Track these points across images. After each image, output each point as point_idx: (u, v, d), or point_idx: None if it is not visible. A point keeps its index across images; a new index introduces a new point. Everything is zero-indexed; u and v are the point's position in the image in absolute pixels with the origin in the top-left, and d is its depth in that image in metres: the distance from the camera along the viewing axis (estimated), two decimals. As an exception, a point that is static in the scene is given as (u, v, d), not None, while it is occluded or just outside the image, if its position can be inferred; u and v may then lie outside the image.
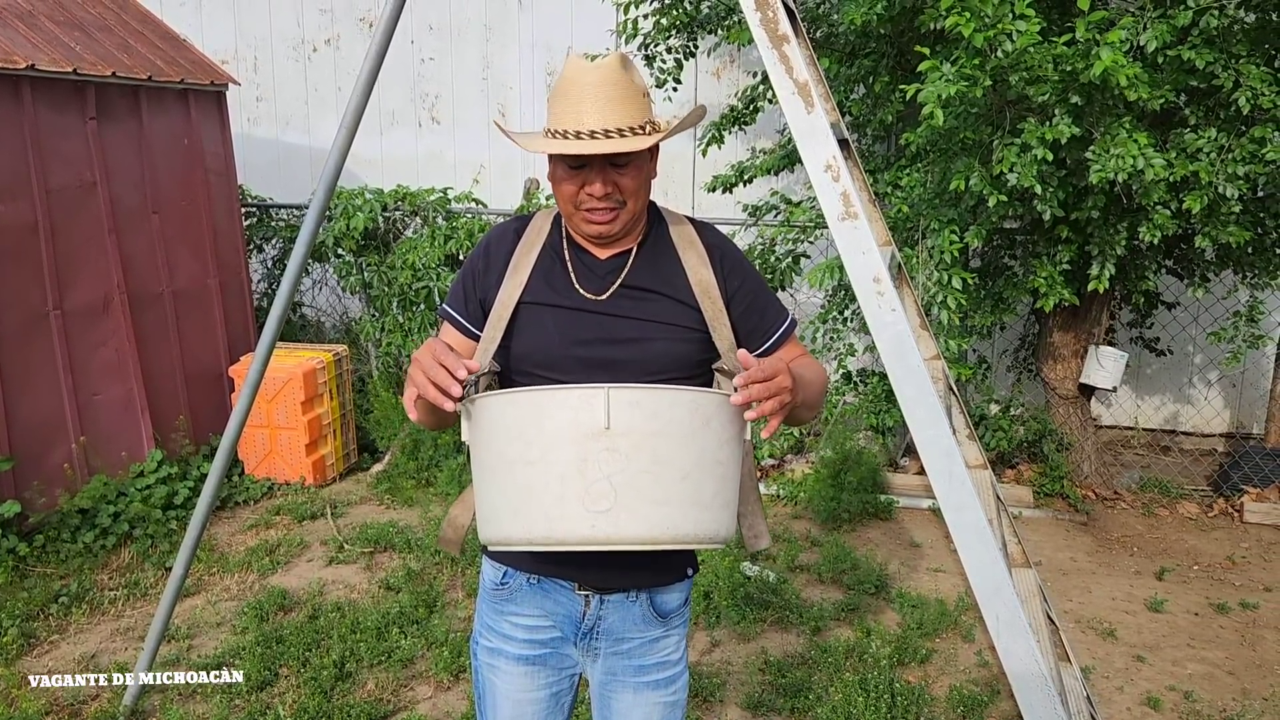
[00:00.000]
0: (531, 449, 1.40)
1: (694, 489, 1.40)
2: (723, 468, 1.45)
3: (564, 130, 1.57)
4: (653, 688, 1.81)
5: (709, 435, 1.42)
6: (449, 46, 7.04)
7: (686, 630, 1.88)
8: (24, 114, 4.29)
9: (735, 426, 1.48)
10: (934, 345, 2.64)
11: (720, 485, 1.44)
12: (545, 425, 1.39)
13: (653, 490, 1.37)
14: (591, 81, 1.57)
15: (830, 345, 5.32)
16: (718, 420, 1.43)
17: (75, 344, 4.56)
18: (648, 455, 1.37)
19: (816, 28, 5.05)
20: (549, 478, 1.38)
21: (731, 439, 1.46)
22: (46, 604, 3.91)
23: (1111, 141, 3.79)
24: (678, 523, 1.39)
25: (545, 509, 1.39)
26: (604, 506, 1.36)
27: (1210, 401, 6.24)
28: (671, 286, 1.72)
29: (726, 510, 1.47)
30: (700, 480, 1.41)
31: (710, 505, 1.43)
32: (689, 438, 1.40)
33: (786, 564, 4.36)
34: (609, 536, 1.37)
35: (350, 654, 3.54)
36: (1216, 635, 3.91)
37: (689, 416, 1.40)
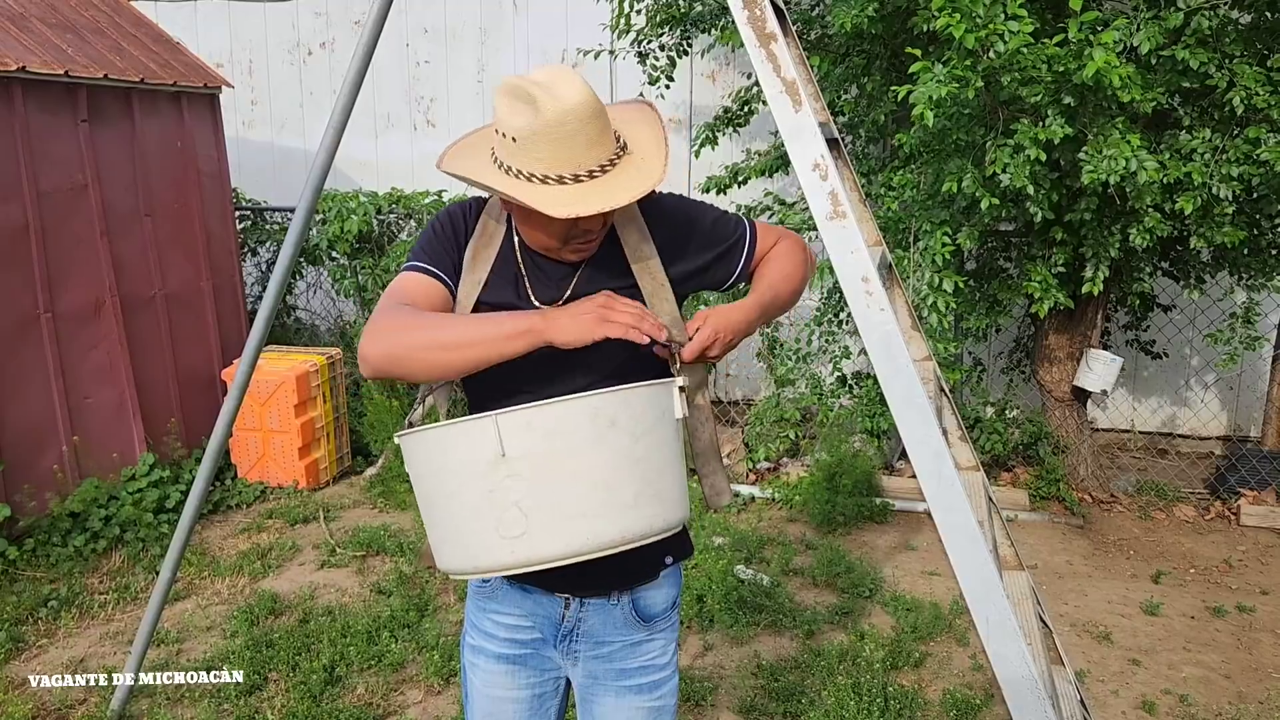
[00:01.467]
0: (446, 485, 1.41)
1: (611, 494, 1.37)
2: (644, 463, 1.40)
3: (560, 175, 1.47)
4: (635, 692, 1.78)
5: (617, 436, 1.38)
6: (444, 50, 7.03)
7: (676, 635, 1.85)
8: (15, 116, 4.28)
9: (651, 416, 1.43)
10: (925, 346, 2.62)
11: (645, 482, 1.40)
12: (449, 462, 1.39)
13: (564, 507, 1.36)
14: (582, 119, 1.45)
15: (825, 348, 5.30)
16: (625, 417, 1.39)
17: (66, 347, 4.54)
18: (551, 474, 1.35)
19: (810, 29, 5.04)
20: (464, 512, 1.39)
21: (650, 429, 1.42)
22: (35, 608, 3.89)
23: (1104, 143, 3.78)
24: (599, 531, 1.37)
25: (466, 541, 1.40)
26: (517, 532, 1.36)
27: (1207, 404, 6.23)
28: (618, 274, 1.66)
29: (658, 503, 1.42)
30: (617, 484, 1.38)
31: (635, 504, 1.39)
32: (594, 445, 1.36)
33: (781, 568, 4.34)
34: (529, 560, 1.36)
35: (340, 658, 3.52)
36: (1212, 639, 3.88)
37: (589, 424, 1.36)
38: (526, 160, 1.48)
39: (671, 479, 1.46)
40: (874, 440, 5.28)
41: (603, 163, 1.49)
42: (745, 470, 5.49)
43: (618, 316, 1.41)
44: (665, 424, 1.45)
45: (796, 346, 5.49)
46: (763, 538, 4.66)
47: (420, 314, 1.53)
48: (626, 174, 1.51)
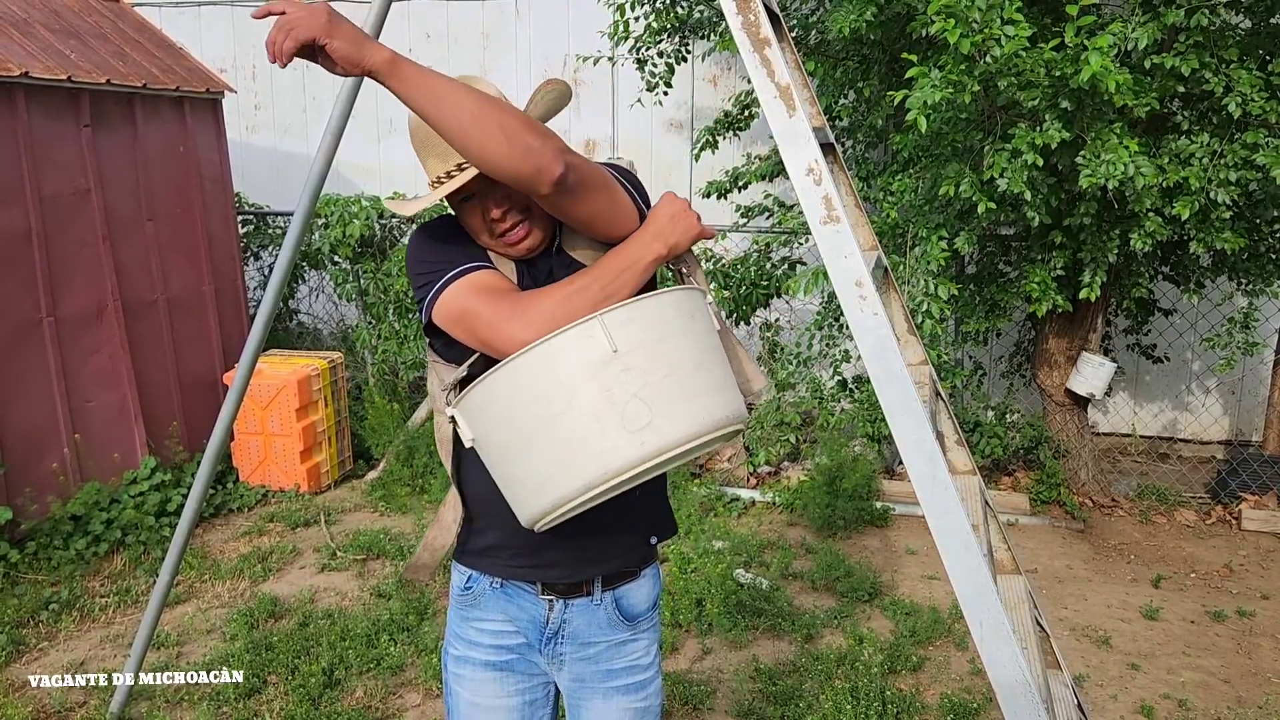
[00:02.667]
0: (555, 403, 1.39)
1: (709, 376, 1.47)
2: (719, 351, 1.53)
3: (448, 171, 1.57)
4: (623, 693, 1.79)
5: (698, 325, 1.50)
6: (446, 54, 7.05)
7: (658, 635, 1.87)
8: (18, 121, 4.30)
9: (709, 315, 1.57)
10: (921, 351, 2.63)
11: (723, 366, 1.52)
12: (557, 374, 1.39)
13: (679, 390, 1.42)
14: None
15: (825, 352, 5.31)
16: (700, 312, 1.53)
17: (68, 351, 4.56)
18: (662, 361, 1.42)
19: (808, 33, 5.05)
20: (584, 419, 1.39)
21: (711, 326, 1.55)
22: (37, 611, 3.90)
23: (1102, 147, 3.78)
24: (711, 410, 1.45)
25: (591, 449, 1.39)
26: (644, 422, 1.38)
27: (1208, 408, 6.22)
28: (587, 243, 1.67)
29: (733, 388, 1.53)
30: (711, 367, 1.48)
31: (725, 387, 1.50)
32: (686, 333, 1.46)
33: (780, 571, 4.35)
34: (660, 447, 1.39)
35: (339, 661, 3.53)
36: (1212, 643, 3.88)
37: (676, 315, 1.47)
38: (429, 167, 1.61)
39: (728, 369, 1.57)
40: (874, 444, 5.29)
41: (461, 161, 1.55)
42: (745, 474, 5.50)
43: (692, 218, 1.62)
44: (711, 324, 1.57)
45: (797, 350, 5.49)
46: (762, 541, 4.66)
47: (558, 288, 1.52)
48: None
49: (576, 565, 1.73)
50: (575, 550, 1.70)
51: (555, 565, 1.72)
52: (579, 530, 1.60)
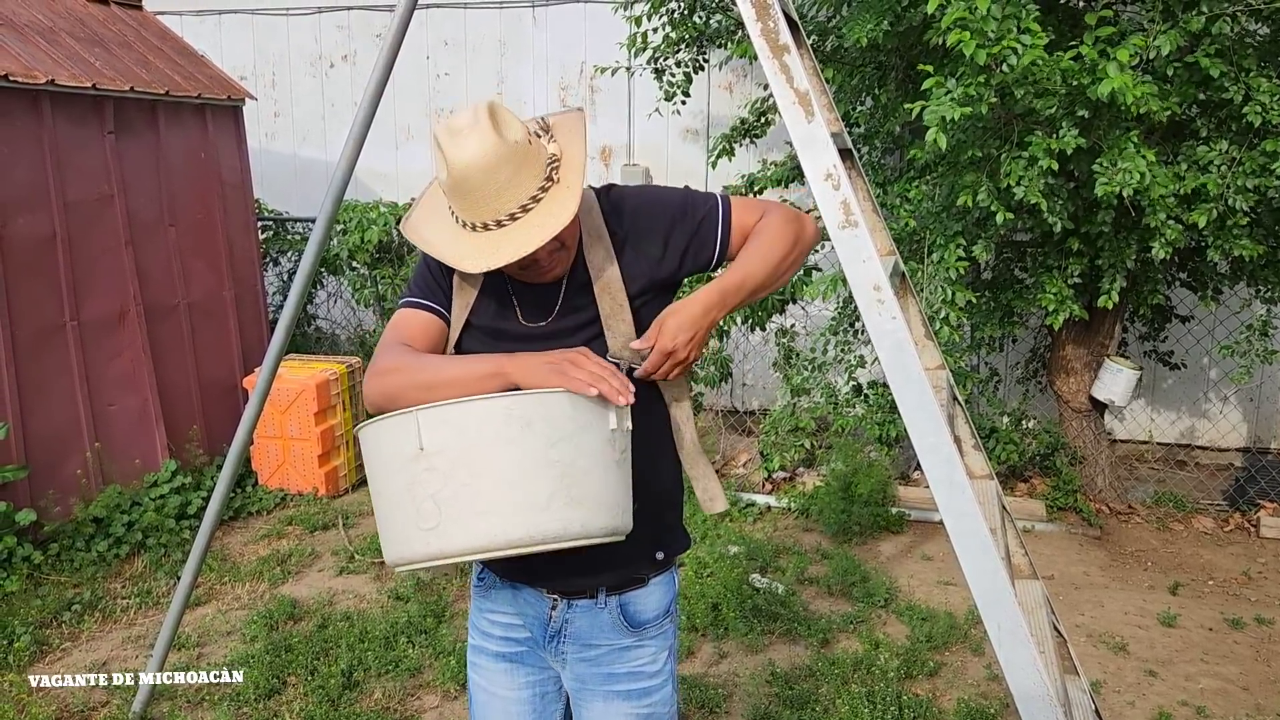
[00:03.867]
0: (377, 480, 1.49)
1: (522, 494, 1.40)
2: (560, 466, 1.42)
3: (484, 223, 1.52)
4: (624, 698, 1.77)
5: (532, 437, 1.41)
6: (464, 62, 7.11)
7: (669, 644, 1.82)
8: (43, 128, 4.36)
9: (574, 422, 1.44)
10: (938, 355, 2.64)
11: (559, 484, 1.42)
12: (380, 456, 1.47)
13: (474, 503, 1.40)
14: (483, 169, 1.48)
15: (840, 357, 5.31)
16: (543, 421, 1.42)
17: (91, 354, 4.62)
18: (464, 469, 1.40)
19: (825, 40, 5.07)
20: (390, 504, 1.46)
21: (570, 435, 1.44)
22: (59, 612, 3.95)
23: (1119, 155, 3.78)
24: (507, 530, 1.40)
25: (392, 534, 1.47)
26: (431, 524, 1.41)
27: (1226, 415, 6.19)
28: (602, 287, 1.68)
29: (578, 508, 1.43)
30: (531, 484, 1.41)
31: (548, 506, 1.41)
32: (508, 444, 1.40)
33: (795, 576, 4.35)
34: (441, 551, 1.42)
35: (358, 663, 3.56)
36: (1231, 650, 3.86)
37: (503, 424, 1.40)
38: (457, 208, 1.56)
39: (599, 484, 1.46)
40: (888, 450, 5.28)
41: (524, 203, 1.51)
42: (760, 479, 5.50)
43: (575, 373, 1.45)
44: (592, 432, 1.46)
45: (812, 356, 5.50)
46: (777, 546, 4.67)
47: (410, 355, 1.62)
48: (545, 211, 1.52)
49: (570, 577, 1.72)
50: (573, 565, 1.66)
51: (554, 575, 1.73)
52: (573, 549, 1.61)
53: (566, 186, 1.54)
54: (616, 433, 1.49)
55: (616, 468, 1.49)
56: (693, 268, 1.74)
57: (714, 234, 1.73)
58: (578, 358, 1.48)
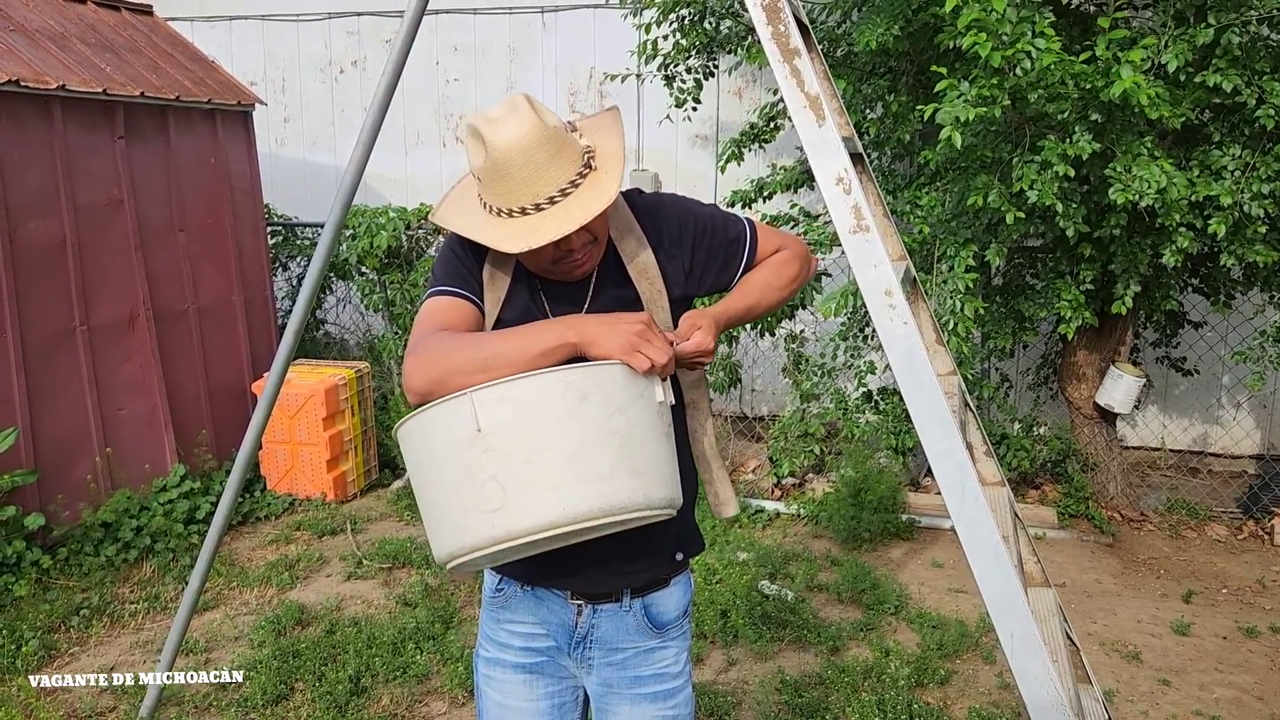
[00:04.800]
0: (429, 471, 1.45)
1: (586, 466, 1.39)
2: (619, 436, 1.41)
3: (521, 207, 1.52)
4: (650, 700, 1.79)
5: (590, 409, 1.39)
6: (473, 67, 7.11)
7: (687, 645, 1.86)
8: (54, 133, 4.38)
9: (628, 394, 1.43)
10: (950, 361, 2.62)
11: (620, 454, 1.41)
12: (431, 446, 1.44)
13: (540, 478, 1.38)
14: (524, 150, 1.49)
15: (850, 363, 5.29)
16: (600, 392, 1.41)
17: (100, 359, 4.62)
18: (525, 446, 1.38)
19: (836, 47, 5.06)
20: (447, 494, 1.42)
21: (626, 406, 1.43)
22: (68, 616, 3.95)
23: (1133, 160, 3.76)
24: (576, 502, 1.38)
25: (452, 523, 1.43)
26: (496, 505, 1.38)
27: (1239, 422, 6.15)
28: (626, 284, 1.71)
29: (637, 477, 1.42)
30: (592, 456, 1.39)
31: (612, 476, 1.39)
32: (567, 417, 1.39)
33: (805, 583, 4.33)
34: (509, 532, 1.38)
35: (366, 669, 3.55)
36: (1245, 659, 3.83)
37: (560, 398, 1.39)
38: (492, 195, 1.54)
39: (654, 456, 1.45)
40: (898, 456, 5.26)
41: (562, 187, 1.52)
42: (770, 485, 5.48)
43: (651, 353, 1.44)
44: (644, 404, 1.46)
45: (821, 362, 5.48)
46: (787, 553, 4.65)
47: (458, 336, 1.55)
48: (584, 195, 1.53)
49: (603, 577, 1.74)
50: (601, 564, 1.71)
51: (582, 575, 1.73)
52: (604, 545, 1.62)
53: (605, 173, 1.56)
54: (663, 406, 1.49)
55: (666, 439, 1.49)
56: (711, 288, 1.79)
57: (739, 259, 1.79)
58: (647, 333, 1.45)
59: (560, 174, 1.52)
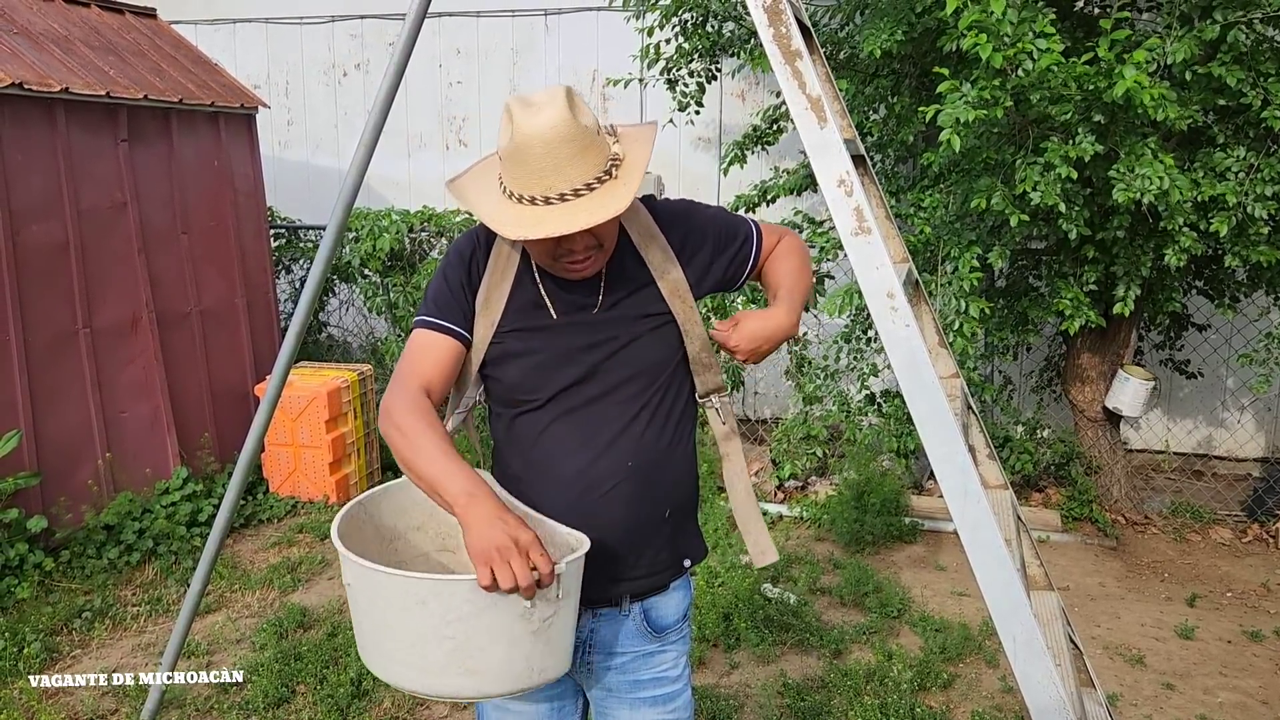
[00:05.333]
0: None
1: (420, 657, 1.47)
2: (454, 641, 1.44)
3: (532, 196, 1.51)
4: (650, 704, 1.79)
5: (427, 615, 1.44)
6: (476, 70, 7.12)
7: (687, 648, 1.87)
8: (57, 136, 4.38)
9: (474, 604, 1.42)
10: (953, 363, 2.61)
11: (453, 658, 1.45)
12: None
13: (380, 645, 1.52)
14: (548, 140, 1.48)
15: (853, 366, 5.28)
16: (437, 602, 1.44)
17: (103, 362, 4.62)
18: (378, 618, 1.50)
19: (839, 50, 5.05)
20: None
21: (470, 615, 1.43)
22: (70, 619, 3.95)
23: (1136, 161, 3.75)
24: (407, 678, 1.50)
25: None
26: (360, 641, 1.58)
27: (1244, 425, 6.13)
28: (639, 284, 1.72)
29: (474, 676, 1.46)
30: (425, 651, 1.46)
31: (443, 673, 1.47)
32: (404, 614, 1.46)
33: (807, 586, 4.32)
34: (373, 671, 1.57)
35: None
36: (1250, 664, 3.81)
37: (401, 597, 1.45)
38: (510, 178, 1.53)
39: (499, 659, 1.47)
40: (901, 460, 5.25)
41: (577, 187, 1.51)
42: (773, 488, 5.47)
43: (501, 575, 1.38)
44: (495, 613, 1.44)
45: (824, 364, 5.47)
46: (790, 556, 4.64)
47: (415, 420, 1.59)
48: (597, 200, 1.52)
49: (606, 584, 1.73)
50: (607, 571, 1.70)
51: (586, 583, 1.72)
52: (610, 552, 1.64)
53: (623, 184, 1.55)
54: (534, 610, 1.46)
55: (532, 638, 1.47)
56: (714, 288, 1.84)
57: (749, 258, 1.85)
58: (513, 555, 1.40)
59: (579, 173, 1.51)
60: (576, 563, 1.51)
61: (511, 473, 1.75)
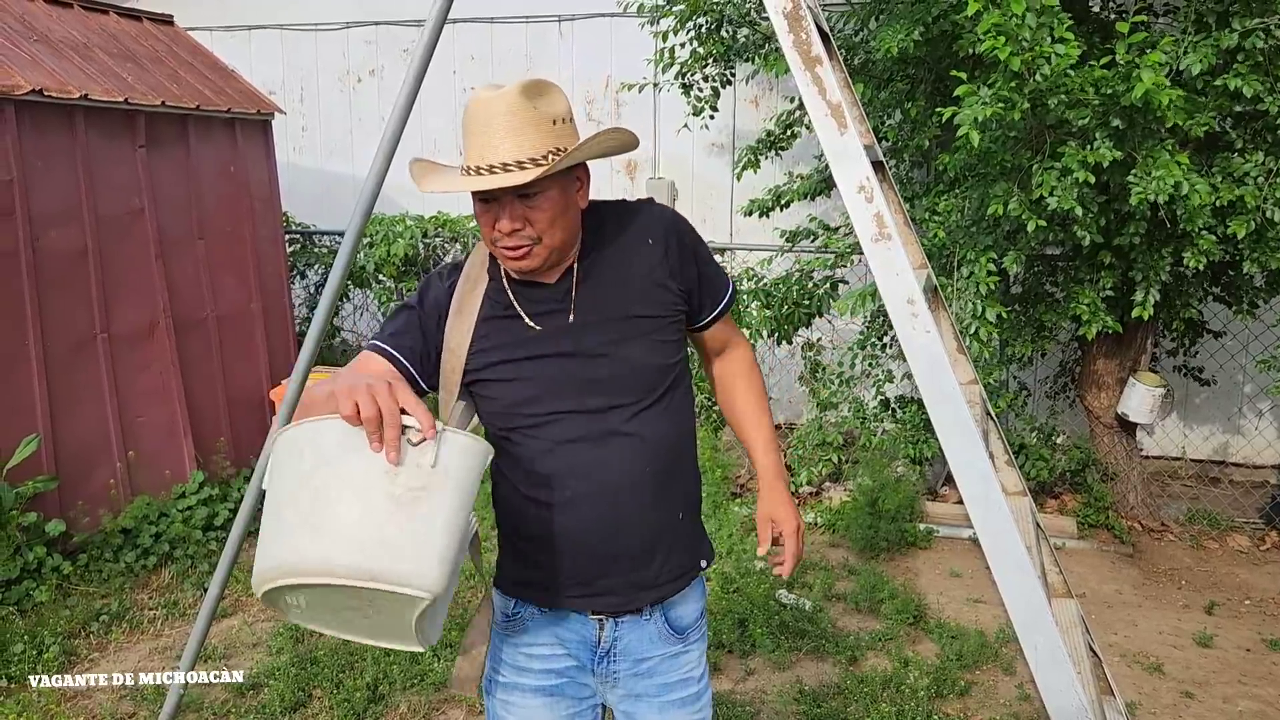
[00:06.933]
0: None
1: (276, 522, 1.35)
2: (311, 490, 1.33)
3: (473, 166, 1.55)
4: (679, 705, 1.80)
5: (300, 463, 1.34)
6: (490, 76, 7.14)
7: (705, 646, 1.88)
8: (76, 142, 4.41)
9: (343, 447, 1.33)
10: (971, 370, 2.60)
11: (308, 510, 1.31)
12: None
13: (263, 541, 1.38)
14: (490, 112, 1.54)
15: (868, 372, 5.27)
16: (311, 448, 1.34)
17: (121, 367, 4.65)
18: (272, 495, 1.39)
19: (854, 54, 5.05)
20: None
21: (331, 460, 1.33)
22: (88, 622, 3.96)
23: (1153, 164, 3.73)
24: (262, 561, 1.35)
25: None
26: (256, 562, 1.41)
27: (1261, 432, 6.09)
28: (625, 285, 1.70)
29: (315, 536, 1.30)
30: (285, 511, 1.34)
31: (292, 533, 1.32)
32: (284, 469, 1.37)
33: (823, 593, 4.31)
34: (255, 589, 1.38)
35: (383, 676, 3.55)
36: (1269, 672, 3.78)
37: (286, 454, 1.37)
38: (464, 144, 1.60)
39: (344, 517, 1.30)
40: (916, 465, 5.23)
41: (506, 161, 1.53)
42: (787, 494, 5.46)
43: (361, 399, 1.31)
44: (356, 459, 1.32)
45: (839, 370, 5.46)
46: (805, 562, 4.63)
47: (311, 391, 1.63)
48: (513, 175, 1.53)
49: (632, 592, 1.73)
50: (630, 578, 1.71)
51: (611, 593, 1.72)
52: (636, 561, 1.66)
53: (543, 169, 1.54)
54: (402, 471, 1.32)
55: (391, 504, 1.30)
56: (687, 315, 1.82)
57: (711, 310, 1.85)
58: (375, 386, 1.34)
59: (512, 148, 1.53)
60: (465, 445, 1.36)
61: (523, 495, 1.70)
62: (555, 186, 1.58)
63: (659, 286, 1.70)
